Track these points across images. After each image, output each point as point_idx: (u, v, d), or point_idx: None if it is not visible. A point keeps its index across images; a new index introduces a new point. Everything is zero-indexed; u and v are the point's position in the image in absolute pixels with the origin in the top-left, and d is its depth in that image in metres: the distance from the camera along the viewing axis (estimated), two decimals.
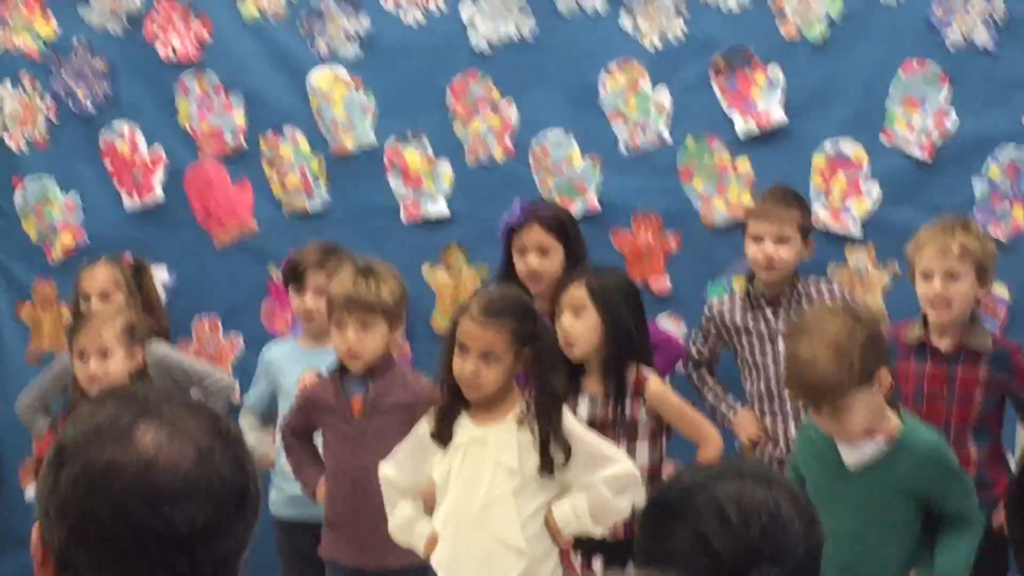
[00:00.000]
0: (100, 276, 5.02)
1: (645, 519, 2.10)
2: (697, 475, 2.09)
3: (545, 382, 3.86)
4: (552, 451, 3.82)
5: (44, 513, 1.63)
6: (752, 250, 4.76)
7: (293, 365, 4.84)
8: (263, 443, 4.88)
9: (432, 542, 3.94)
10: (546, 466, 3.83)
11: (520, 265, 4.83)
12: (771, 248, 4.72)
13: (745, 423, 4.78)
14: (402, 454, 4.01)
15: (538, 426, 3.84)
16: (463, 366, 3.85)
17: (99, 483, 1.58)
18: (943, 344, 4.42)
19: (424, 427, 3.98)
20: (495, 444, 3.86)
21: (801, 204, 4.84)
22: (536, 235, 4.81)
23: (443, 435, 3.93)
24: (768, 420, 4.77)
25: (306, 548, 4.62)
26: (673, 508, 2.03)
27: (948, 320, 4.38)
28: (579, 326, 4.35)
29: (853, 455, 3.67)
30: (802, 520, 2.02)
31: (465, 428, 3.91)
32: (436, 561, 3.94)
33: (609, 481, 3.82)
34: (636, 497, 3.87)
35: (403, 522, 4.02)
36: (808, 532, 2.02)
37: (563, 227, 4.84)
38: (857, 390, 3.54)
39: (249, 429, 4.89)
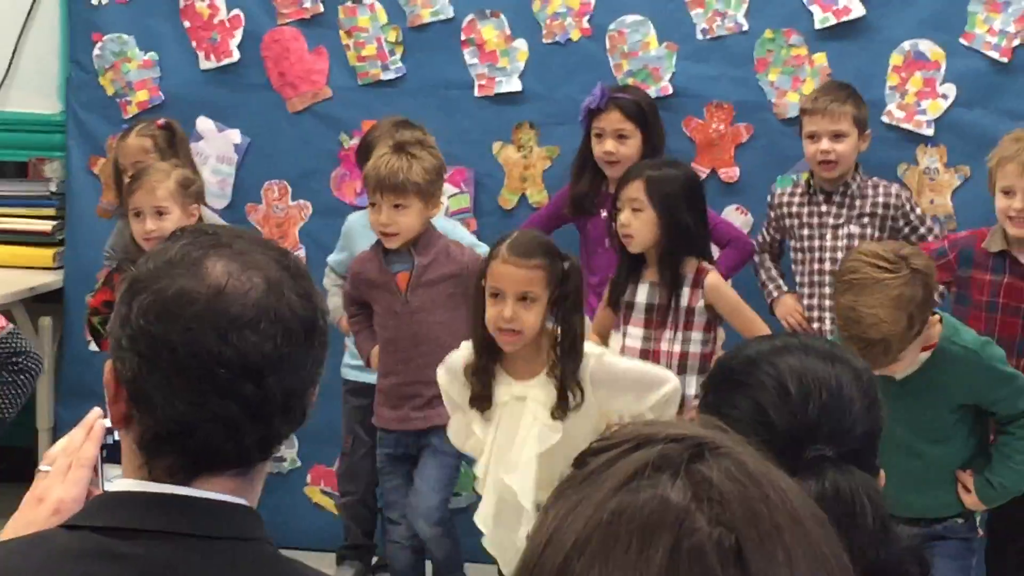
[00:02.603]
0: (132, 148, 5.02)
1: (709, 386, 2.08)
2: (763, 346, 2.07)
3: (569, 324, 3.79)
4: (568, 395, 3.77)
5: (116, 345, 1.64)
6: (809, 148, 4.75)
7: (367, 232, 4.82)
8: (339, 308, 4.90)
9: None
10: (560, 411, 3.76)
11: (598, 149, 4.86)
12: (827, 145, 4.71)
13: (786, 306, 4.83)
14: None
15: (560, 370, 3.76)
16: (500, 312, 3.75)
17: (170, 310, 1.60)
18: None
19: (450, 387, 3.93)
20: (533, 403, 3.81)
21: (854, 97, 4.78)
22: (615, 120, 4.83)
23: (483, 400, 3.85)
24: (808, 307, 4.79)
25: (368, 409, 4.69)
26: (736, 376, 2.01)
27: None
28: (636, 223, 4.34)
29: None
30: (864, 400, 1.98)
31: (506, 385, 3.86)
32: (478, 516, 3.94)
33: (654, 405, 3.76)
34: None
35: (458, 428, 4.02)
36: (868, 414, 1.98)
37: (642, 114, 4.86)
38: (913, 342, 3.48)
39: (331, 285, 4.91)
